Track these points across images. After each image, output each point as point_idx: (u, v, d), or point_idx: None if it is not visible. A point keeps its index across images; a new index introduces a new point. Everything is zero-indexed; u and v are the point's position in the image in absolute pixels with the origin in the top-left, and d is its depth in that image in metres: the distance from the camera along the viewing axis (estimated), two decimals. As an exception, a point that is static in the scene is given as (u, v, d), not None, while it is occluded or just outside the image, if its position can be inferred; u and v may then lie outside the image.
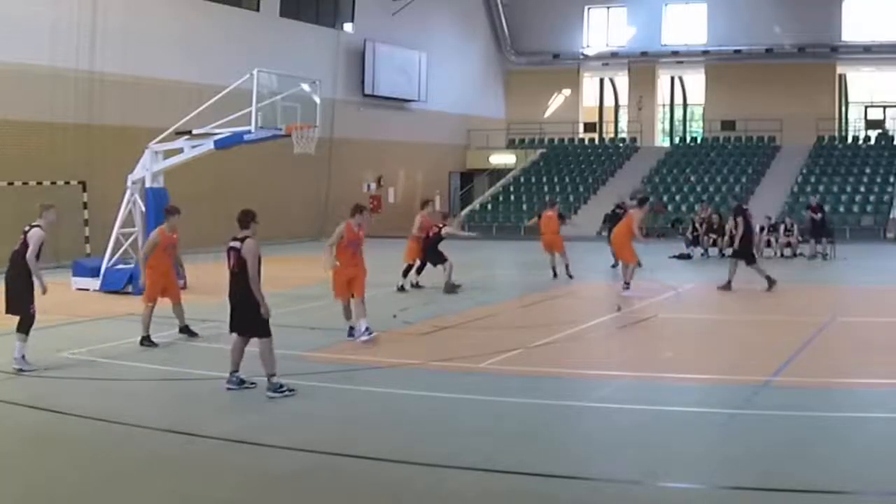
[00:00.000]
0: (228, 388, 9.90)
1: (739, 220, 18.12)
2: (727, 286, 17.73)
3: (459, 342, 12.92)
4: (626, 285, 17.57)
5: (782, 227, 26.05)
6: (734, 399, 9.52)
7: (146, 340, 12.57)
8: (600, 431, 8.73)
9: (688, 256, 25.34)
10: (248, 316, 9.77)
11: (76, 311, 15.89)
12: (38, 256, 11.18)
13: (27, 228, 11.30)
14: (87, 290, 18.46)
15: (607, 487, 7.10)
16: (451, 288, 17.91)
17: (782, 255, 25.50)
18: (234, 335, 10.04)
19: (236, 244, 9.83)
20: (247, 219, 9.96)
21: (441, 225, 18.52)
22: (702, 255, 25.50)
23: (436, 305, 16.53)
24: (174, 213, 13.43)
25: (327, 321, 14.03)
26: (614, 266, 20.88)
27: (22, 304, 11.13)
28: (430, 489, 7.15)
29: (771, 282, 17.65)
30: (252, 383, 9.97)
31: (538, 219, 21.26)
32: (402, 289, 18.08)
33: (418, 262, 18.48)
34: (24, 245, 11.14)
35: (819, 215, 25.26)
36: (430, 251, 18.23)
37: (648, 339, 13.72)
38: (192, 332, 13.25)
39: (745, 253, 18.06)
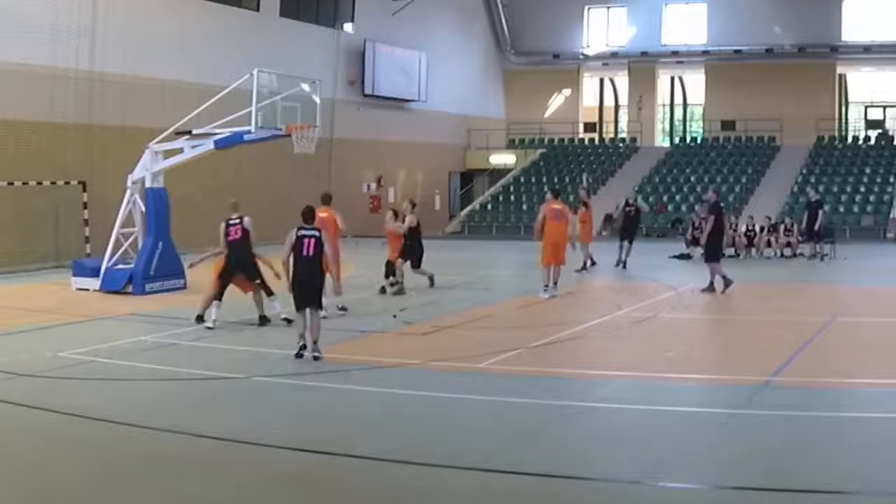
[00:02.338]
0: (316, 357, 11.41)
1: (712, 217, 17.91)
2: (710, 288, 17.58)
3: (459, 342, 12.93)
4: (555, 285, 17.40)
5: (782, 227, 26.05)
6: (734, 399, 9.52)
7: (200, 319, 14.15)
8: (600, 431, 8.73)
9: (688, 256, 25.34)
10: (317, 291, 11.61)
11: (76, 311, 15.90)
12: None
13: (235, 220, 14.30)
14: (87, 290, 18.44)
15: (607, 487, 7.10)
16: (431, 280, 18.34)
17: (782, 254, 25.51)
18: (300, 314, 11.64)
19: (314, 232, 11.56)
20: (312, 214, 11.92)
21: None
22: (702, 255, 25.47)
23: (436, 306, 16.53)
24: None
25: (326, 321, 14.05)
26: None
27: (259, 273, 14.23)
28: (430, 489, 7.15)
29: (727, 282, 17.44)
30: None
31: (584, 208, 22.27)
32: (384, 290, 17.73)
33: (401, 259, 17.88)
34: (244, 231, 14.20)
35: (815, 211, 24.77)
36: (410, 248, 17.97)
37: (648, 339, 13.71)
38: (267, 319, 14.34)
39: (712, 251, 17.86)
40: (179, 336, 13.33)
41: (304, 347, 11.59)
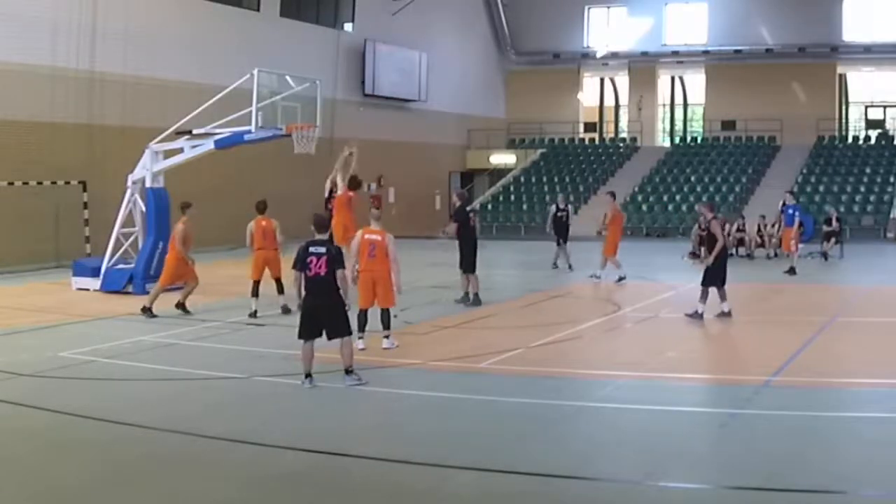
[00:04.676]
0: None
1: None
2: None
3: (459, 342, 12.93)
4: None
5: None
6: (734, 399, 9.53)
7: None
8: (600, 431, 8.73)
9: (697, 255, 25.31)
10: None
11: (76, 311, 15.90)
12: None
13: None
14: (87, 290, 18.45)
15: (607, 487, 7.10)
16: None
17: (778, 254, 25.46)
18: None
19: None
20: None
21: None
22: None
23: (436, 306, 16.53)
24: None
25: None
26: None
27: None
28: (430, 489, 7.15)
29: None
30: None
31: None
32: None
33: None
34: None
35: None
36: None
37: (648, 339, 13.71)
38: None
39: None
40: (179, 336, 13.33)
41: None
